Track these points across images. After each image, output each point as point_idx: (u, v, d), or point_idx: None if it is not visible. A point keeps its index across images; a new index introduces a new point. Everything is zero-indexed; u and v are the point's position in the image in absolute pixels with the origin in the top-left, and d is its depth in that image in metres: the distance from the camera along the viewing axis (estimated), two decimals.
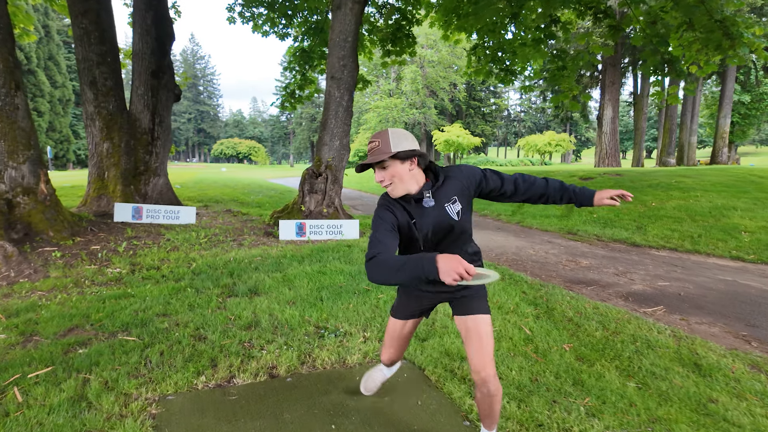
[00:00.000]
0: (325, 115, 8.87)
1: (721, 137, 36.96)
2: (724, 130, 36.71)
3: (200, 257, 6.47)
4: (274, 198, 14.87)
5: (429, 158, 2.01)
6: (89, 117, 9.31)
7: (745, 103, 47.42)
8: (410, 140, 1.97)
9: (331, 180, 8.79)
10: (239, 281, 5.48)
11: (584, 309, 4.44)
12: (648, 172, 12.72)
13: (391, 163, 1.94)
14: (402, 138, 1.95)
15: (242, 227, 9.00)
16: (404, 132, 1.98)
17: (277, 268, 6.05)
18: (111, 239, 6.97)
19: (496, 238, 8.32)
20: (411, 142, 1.96)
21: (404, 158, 1.94)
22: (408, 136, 1.98)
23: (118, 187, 9.31)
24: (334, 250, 7.13)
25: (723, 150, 37.06)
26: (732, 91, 36.67)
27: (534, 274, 5.84)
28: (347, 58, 8.58)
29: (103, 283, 5.34)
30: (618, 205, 2.12)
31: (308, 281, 5.49)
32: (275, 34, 14.55)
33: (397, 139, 1.94)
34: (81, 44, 9.00)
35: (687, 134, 36.45)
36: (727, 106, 36.37)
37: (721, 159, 35.10)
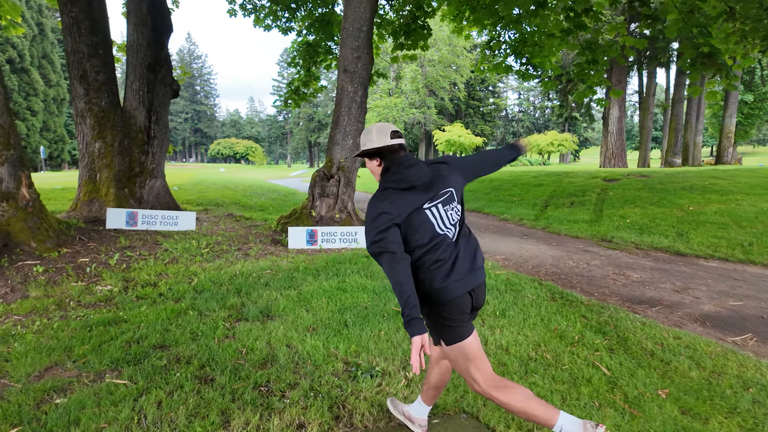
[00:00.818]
0: (336, 112, 8.15)
1: (726, 137, 36.46)
2: (729, 129, 36.25)
3: (202, 271, 5.74)
4: (278, 201, 14.13)
5: (396, 157, 2.06)
6: (79, 114, 8.56)
7: (748, 103, 46.97)
8: (373, 139, 2.09)
9: (344, 182, 8.06)
10: (248, 301, 4.76)
11: (664, 339, 3.73)
12: (676, 173, 12.06)
13: (366, 161, 2.18)
14: (365, 136, 2.14)
15: (247, 234, 8.26)
16: (369, 129, 2.12)
17: (290, 284, 5.33)
18: (102, 250, 6.22)
19: (527, 247, 7.61)
20: (374, 141, 2.08)
21: (369, 156, 2.14)
22: (370, 134, 2.11)
23: (111, 190, 8.55)
24: (351, 261, 6.41)
25: (728, 150, 36.59)
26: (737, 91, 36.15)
27: (585, 292, 5.13)
28: (361, 50, 7.86)
29: (90, 304, 4.60)
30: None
31: (328, 301, 4.77)
32: (278, 28, 13.83)
33: (363, 137, 2.15)
34: (70, 35, 8.25)
35: (692, 134, 35.93)
36: (732, 105, 35.88)
37: (727, 159, 34.62)
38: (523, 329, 3.98)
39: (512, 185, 13.73)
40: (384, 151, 2.06)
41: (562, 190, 11.94)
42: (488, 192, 14.04)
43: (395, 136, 2.10)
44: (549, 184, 13.04)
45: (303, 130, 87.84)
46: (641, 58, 33.24)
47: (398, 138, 2.11)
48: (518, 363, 3.40)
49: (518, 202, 11.89)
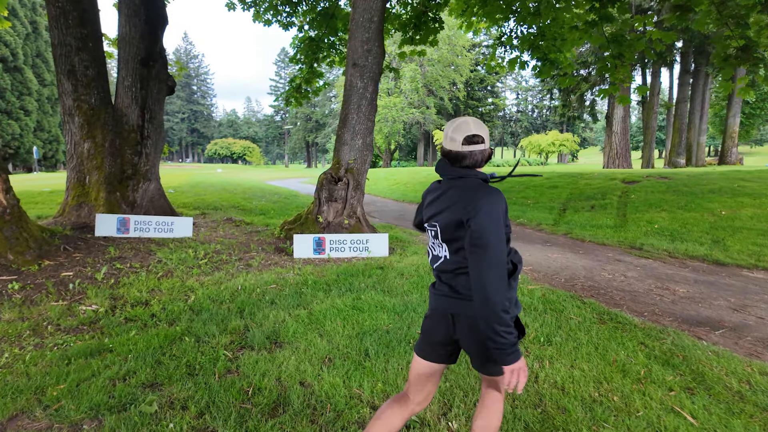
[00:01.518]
0: (345, 110, 7.56)
1: (730, 137, 36.12)
2: (733, 129, 35.90)
3: (200, 286, 5.14)
4: (279, 204, 13.51)
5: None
6: (67, 112, 7.94)
7: (749, 102, 46.64)
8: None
9: (353, 186, 7.47)
10: (253, 323, 4.17)
11: (748, 375, 3.16)
12: (699, 174, 11.51)
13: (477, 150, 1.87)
14: (484, 129, 1.88)
15: (248, 241, 7.66)
16: (476, 121, 1.85)
17: (299, 302, 4.74)
18: (88, 262, 5.61)
19: (553, 255, 7.03)
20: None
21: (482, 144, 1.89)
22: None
23: (101, 194, 7.94)
24: (363, 273, 5.82)
25: (732, 150, 36.29)
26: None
27: (634, 311, 4.56)
28: (372, 42, 7.27)
29: (71, 328, 3.99)
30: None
31: (343, 323, 4.18)
32: (278, 23, 13.22)
33: (483, 129, 1.87)
34: (57, 26, 7.64)
35: (695, 134, 35.57)
36: (736, 105, 35.55)
37: (730, 159, 34.27)
38: (577, 361, 3.41)
39: (525, 187, 13.15)
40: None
41: (580, 193, 11.37)
42: None
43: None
44: (564, 186, 12.46)
45: (300, 130, 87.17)
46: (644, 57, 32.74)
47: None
48: (581, 407, 2.82)
49: (533, 205, 11.32)
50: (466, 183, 1.77)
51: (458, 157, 1.78)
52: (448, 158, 1.83)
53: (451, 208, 1.77)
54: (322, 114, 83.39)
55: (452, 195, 1.79)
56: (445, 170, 1.85)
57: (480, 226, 1.63)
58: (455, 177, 1.81)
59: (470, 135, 1.75)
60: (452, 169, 1.82)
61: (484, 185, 1.75)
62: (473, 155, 1.77)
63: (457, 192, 1.77)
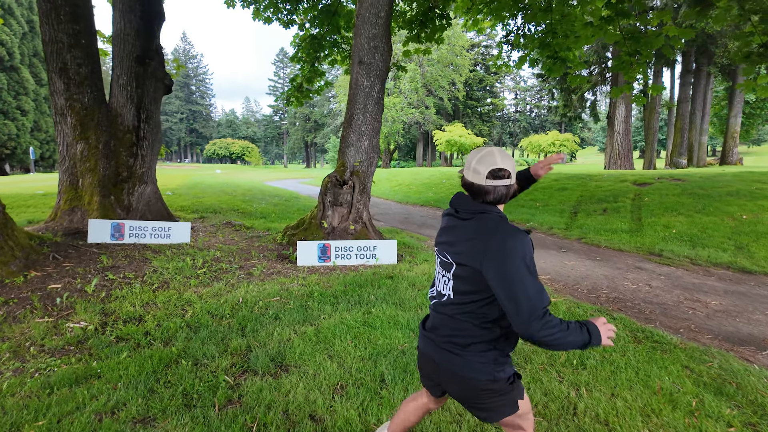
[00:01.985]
0: (350, 110, 7.21)
1: (731, 137, 35.94)
2: (734, 129, 35.76)
3: (198, 299, 4.78)
4: (280, 206, 13.14)
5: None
6: (59, 112, 7.58)
7: (750, 102, 46.48)
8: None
9: (359, 189, 7.12)
10: (255, 342, 3.81)
11: None
12: (713, 176, 11.17)
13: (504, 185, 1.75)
14: (510, 160, 1.74)
15: (248, 247, 7.30)
16: (500, 152, 1.72)
17: (305, 317, 4.39)
18: (79, 272, 5.25)
19: (570, 263, 6.68)
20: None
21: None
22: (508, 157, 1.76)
23: (94, 197, 7.58)
24: (372, 283, 5.47)
25: (734, 150, 36.14)
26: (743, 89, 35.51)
27: (667, 327, 4.21)
28: (379, 38, 6.92)
29: (57, 349, 3.64)
30: (552, 168, 2.06)
31: (354, 342, 3.83)
32: (279, 21, 12.86)
33: (509, 161, 1.71)
34: (48, 22, 7.27)
35: (697, 134, 35.37)
36: (738, 105, 35.38)
37: (731, 159, 34.05)
38: (617, 388, 3.06)
39: (532, 189, 12.80)
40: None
41: (591, 195, 11.03)
42: None
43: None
44: (573, 188, 12.11)
45: (299, 130, 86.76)
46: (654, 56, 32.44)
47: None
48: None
49: (542, 208, 10.97)
50: (486, 221, 1.62)
51: (481, 192, 1.64)
52: (470, 191, 1.68)
53: (468, 246, 1.63)
54: (320, 114, 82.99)
55: (469, 231, 1.65)
56: (464, 205, 1.71)
57: (503, 276, 1.48)
58: (475, 212, 1.66)
59: (496, 169, 1.61)
60: (473, 203, 1.68)
61: (505, 224, 1.60)
62: (497, 190, 1.62)
63: (476, 229, 1.63)
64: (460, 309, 1.70)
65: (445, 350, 1.74)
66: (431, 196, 16.26)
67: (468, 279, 1.64)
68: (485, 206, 1.66)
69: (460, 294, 1.68)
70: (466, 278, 1.64)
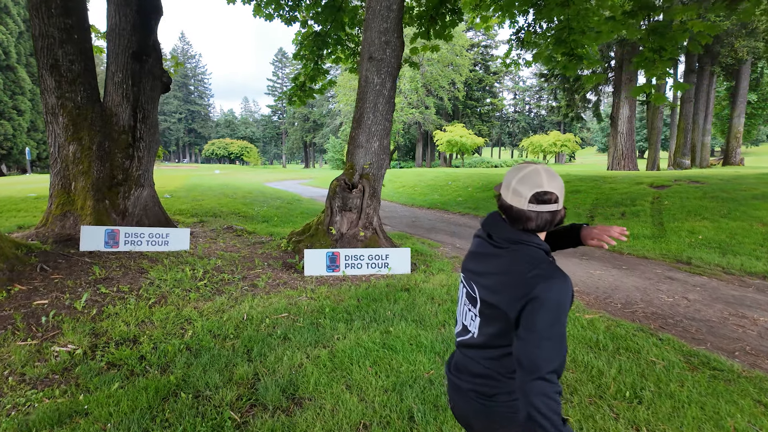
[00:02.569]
0: (359, 109, 6.79)
1: (734, 137, 35.70)
2: (738, 129, 35.57)
3: (199, 316, 4.36)
4: (282, 210, 12.70)
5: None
6: (50, 111, 7.15)
7: (751, 103, 46.29)
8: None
9: (369, 193, 6.71)
10: (264, 368, 3.40)
11: None
12: (733, 178, 10.77)
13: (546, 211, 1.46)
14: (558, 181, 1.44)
15: (251, 255, 6.88)
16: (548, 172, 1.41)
17: (317, 337, 3.97)
18: (68, 285, 4.83)
19: (596, 272, 6.27)
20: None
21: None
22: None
23: (88, 202, 7.15)
24: (387, 296, 5.05)
25: (737, 150, 35.92)
26: (746, 89, 35.34)
27: (720, 349, 3.80)
28: (390, 33, 6.51)
29: (39, 379, 3.21)
30: (606, 247, 1.64)
31: (374, 369, 3.42)
32: (280, 18, 12.44)
33: (558, 182, 1.44)
34: (38, 16, 6.85)
35: (700, 134, 35.17)
36: (741, 105, 35.15)
37: (734, 159, 33.79)
38: (684, 428, 2.65)
39: None
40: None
41: (606, 199, 10.62)
42: None
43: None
44: (587, 190, 11.71)
45: (298, 131, 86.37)
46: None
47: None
48: None
49: None
50: (524, 255, 1.37)
51: (521, 218, 1.38)
52: (507, 215, 1.42)
53: (498, 281, 1.40)
54: (319, 114, 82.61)
55: (503, 264, 1.41)
56: (499, 231, 1.45)
57: (527, 325, 1.27)
58: (512, 242, 1.40)
59: (541, 192, 1.35)
60: (510, 231, 1.42)
61: (545, 263, 1.34)
62: (541, 217, 1.36)
63: (510, 262, 1.38)
64: (485, 354, 1.48)
65: (471, 398, 1.53)
66: (437, 198, 15.85)
67: (494, 320, 1.40)
68: (524, 235, 1.40)
69: (486, 336, 1.46)
70: (492, 319, 1.41)
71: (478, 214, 12.31)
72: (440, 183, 19.03)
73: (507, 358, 1.42)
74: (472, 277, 1.53)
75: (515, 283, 1.32)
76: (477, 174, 20.49)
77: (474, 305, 1.51)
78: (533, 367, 1.24)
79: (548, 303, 1.25)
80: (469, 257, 1.60)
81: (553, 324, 1.25)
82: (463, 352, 1.59)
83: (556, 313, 1.25)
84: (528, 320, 1.27)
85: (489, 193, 14.69)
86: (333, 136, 70.12)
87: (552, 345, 1.24)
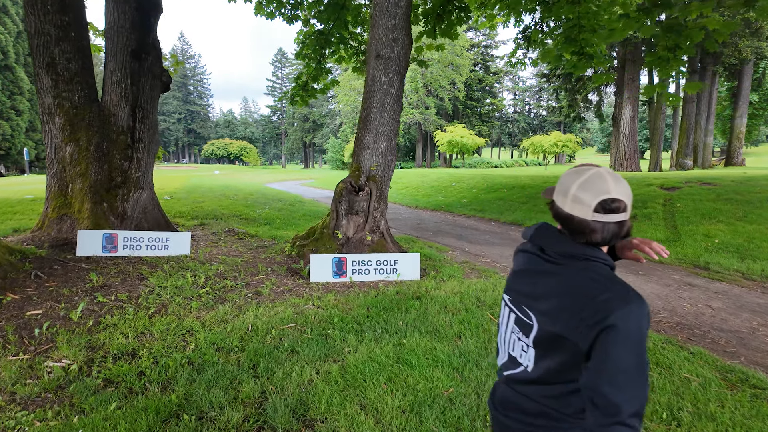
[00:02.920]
0: (366, 108, 6.57)
1: (737, 137, 35.59)
2: (740, 130, 35.48)
3: (201, 326, 4.14)
4: (284, 212, 12.47)
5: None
6: (46, 111, 6.93)
7: (753, 103, 46.23)
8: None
9: (376, 196, 6.49)
10: (271, 385, 3.18)
11: None
12: (747, 180, 10.56)
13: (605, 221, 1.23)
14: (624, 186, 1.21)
15: (254, 259, 6.66)
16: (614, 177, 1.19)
17: (327, 350, 3.75)
18: (64, 294, 4.60)
19: None
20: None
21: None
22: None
23: (85, 204, 6.92)
24: (398, 305, 4.83)
25: (739, 151, 35.81)
26: (749, 90, 35.24)
27: (755, 363, 3.59)
28: (398, 30, 6.29)
29: (31, 399, 2.99)
30: (644, 261, 1.48)
31: (389, 386, 3.20)
32: (282, 16, 12.21)
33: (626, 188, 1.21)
34: (34, 12, 6.63)
35: (702, 134, 35.06)
36: (743, 105, 35.07)
37: (737, 160, 33.65)
38: None
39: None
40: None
41: None
42: (524, 201, 12.48)
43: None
44: None
45: (298, 131, 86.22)
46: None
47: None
48: None
49: None
50: (588, 273, 1.17)
51: (584, 229, 1.19)
52: (566, 226, 1.23)
53: (559, 304, 1.18)
54: (319, 114, 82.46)
55: (563, 284, 1.20)
56: (555, 244, 1.25)
57: (600, 358, 1.08)
58: (572, 257, 1.21)
59: (608, 200, 1.15)
60: (569, 244, 1.22)
61: (619, 283, 1.15)
62: (607, 229, 1.17)
63: (572, 282, 1.18)
64: (543, 390, 1.26)
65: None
66: (441, 199, 15.63)
67: (557, 352, 1.20)
68: (587, 249, 1.20)
69: (545, 370, 1.24)
70: (554, 350, 1.20)
71: (484, 216, 12.09)
72: (444, 184, 18.80)
73: (572, 396, 1.22)
74: (524, 301, 1.32)
75: (583, 307, 1.12)
76: (481, 175, 20.28)
77: (527, 333, 1.30)
78: (612, 409, 1.05)
79: (628, 332, 1.06)
80: (517, 277, 1.39)
81: (633, 356, 1.06)
82: (512, 386, 1.38)
83: (637, 344, 1.07)
84: (603, 352, 1.08)
85: (495, 195, 14.47)
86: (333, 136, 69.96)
87: (633, 381, 1.06)
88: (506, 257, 7.60)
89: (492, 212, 12.11)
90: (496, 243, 8.78)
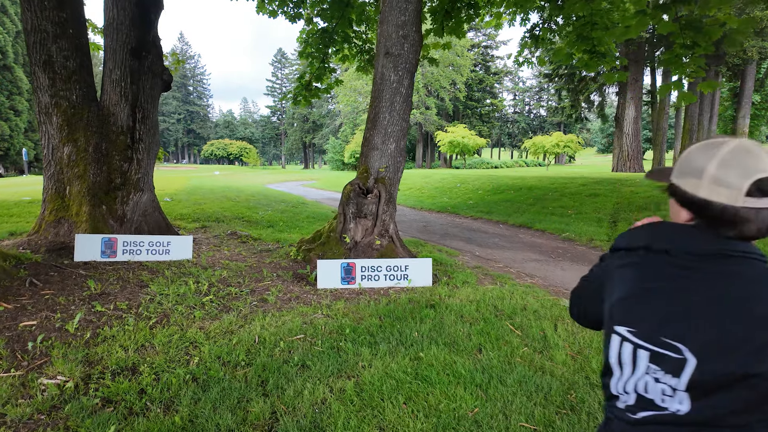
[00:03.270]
0: (374, 108, 6.34)
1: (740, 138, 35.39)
2: (743, 130, 35.29)
3: (206, 338, 3.90)
4: (287, 214, 12.24)
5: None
6: (43, 111, 6.70)
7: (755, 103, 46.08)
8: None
9: (385, 199, 6.26)
10: (282, 405, 2.94)
11: None
12: None
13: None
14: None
15: (259, 264, 6.43)
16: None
17: (339, 365, 3.51)
18: (60, 303, 4.37)
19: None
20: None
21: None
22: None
23: (84, 207, 6.69)
24: (412, 314, 4.60)
25: None
26: (752, 90, 35.07)
27: None
28: (409, 26, 6.06)
29: (22, 421, 2.75)
30: None
31: (409, 406, 2.97)
32: (284, 14, 12.00)
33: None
34: (30, 8, 6.39)
35: (705, 135, 34.84)
36: (746, 105, 34.90)
37: None
38: None
39: (560, 195, 11.95)
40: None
41: (628, 203, 10.17)
42: (532, 203, 12.23)
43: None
44: (605, 193, 11.26)
45: (297, 131, 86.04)
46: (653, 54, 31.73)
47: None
48: None
49: (576, 216, 10.11)
50: (751, 273, 0.93)
51: (731, 220, 0.93)
52: (705, 216, 0.98)
53: (727, 321, 0.89)
54: (319, 114, 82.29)
55: (718, 292, 0.92)
56: (693, 242, 0.98)
57: None
58: (723, 256, 0.95)
59: (765, 179, 0.90)
60: (714, 240, 0.96)
61: None
62: (762, 217, 0.91)
63: (734, 290, 0.91)
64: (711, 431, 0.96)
65: None
66: (447, 201, 15.40)
67: (733, 389, 0.90)
68: (740, 245, 0.95)
69: (715, 411, 0.93)
70: (728, 388, 0.91)
71: (491, 218, 11.85)
72: (448, 185, 18.58)
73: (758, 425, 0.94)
74: (659, 330, 0.98)
75: (753, 318, 0.88)
76: (485, 176, 20.07)
77: (677, 371, 0.96)
78: None
79: None
80: (635, 300, 1.03)
81: None
82: (646, 429, 1.05)
83: None
84: None
85: (501, 196, 14.24)
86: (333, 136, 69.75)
87: None
88: (519, 262, 7.37)
89: (499, 214, 11.88)
90: (506, 246, 8.55)
